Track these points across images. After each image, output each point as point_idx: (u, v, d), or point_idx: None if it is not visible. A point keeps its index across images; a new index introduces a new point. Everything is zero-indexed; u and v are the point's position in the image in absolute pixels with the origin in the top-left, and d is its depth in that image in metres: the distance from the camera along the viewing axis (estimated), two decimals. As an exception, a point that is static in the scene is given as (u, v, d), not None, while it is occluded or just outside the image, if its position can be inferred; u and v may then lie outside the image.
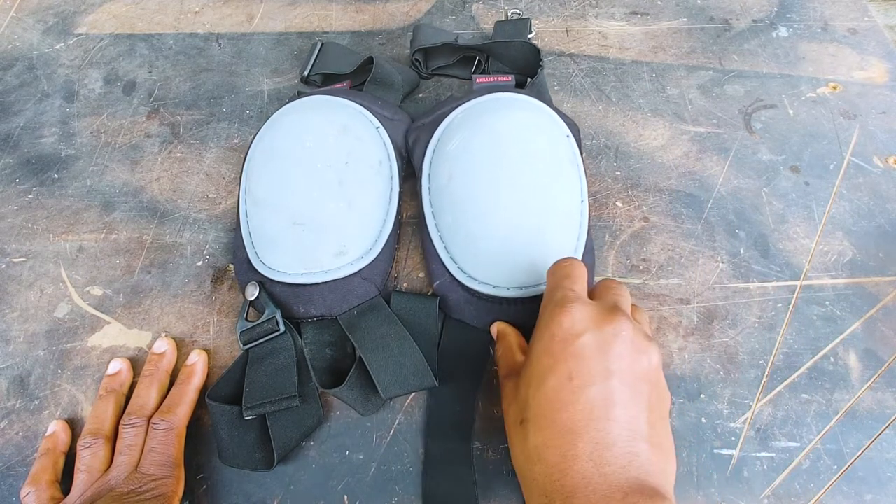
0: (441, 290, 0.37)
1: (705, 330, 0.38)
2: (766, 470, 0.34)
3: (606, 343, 0.25)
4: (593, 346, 0.24)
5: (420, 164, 0.41)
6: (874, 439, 0.35)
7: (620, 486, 0.22)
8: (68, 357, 0.38)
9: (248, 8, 0.55)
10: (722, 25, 0.52)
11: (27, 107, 0.49)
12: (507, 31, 0.50)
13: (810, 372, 0.37)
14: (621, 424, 0.24)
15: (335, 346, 0.37)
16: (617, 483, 0.23)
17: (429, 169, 0.40)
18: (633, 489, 0.22)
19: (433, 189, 0.39)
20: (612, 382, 0.24)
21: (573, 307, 0.26)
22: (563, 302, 0.26)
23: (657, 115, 0.47)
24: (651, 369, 0.26)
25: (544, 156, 0.39)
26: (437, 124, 0.41)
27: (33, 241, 0.43)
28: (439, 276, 0.38)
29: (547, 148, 0.39)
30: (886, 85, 0.48)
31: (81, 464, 0.33)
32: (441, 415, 0.35)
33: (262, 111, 0.48)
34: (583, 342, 0.24)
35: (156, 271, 0.41)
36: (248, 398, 0.34)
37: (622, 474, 0.23)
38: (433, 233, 0.38)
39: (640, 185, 0.44)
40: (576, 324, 0.25)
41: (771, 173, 0.44)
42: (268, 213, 0.39)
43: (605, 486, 0.22)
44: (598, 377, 0.24)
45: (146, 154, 0.46)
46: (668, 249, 0.41)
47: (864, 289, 0.39)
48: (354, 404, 0.34)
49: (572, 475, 0.23)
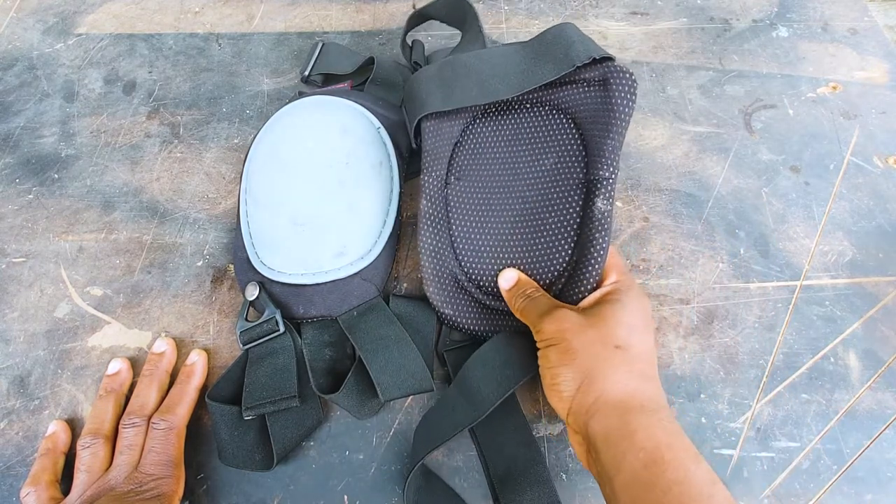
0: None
1: (705, 330, 0.38)
2: (766, 470, 0.34)
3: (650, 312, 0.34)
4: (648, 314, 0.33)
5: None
6: (874, 439, 0.35)
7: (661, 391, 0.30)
8: (68, 357, 0.38)
9: (248, 8, 0.55)
10: (722, 25, 0.52)
11: (27, 107, 0.49)
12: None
13: (810, 372, 0.37)
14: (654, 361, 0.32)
15: (335, 346, 0.37)
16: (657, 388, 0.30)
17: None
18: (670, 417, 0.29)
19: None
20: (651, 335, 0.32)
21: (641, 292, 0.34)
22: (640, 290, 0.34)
23: (657, 115, 0.47)
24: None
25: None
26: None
27: (33, 241, 0.43)
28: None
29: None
30: (886, 85, 0.48)
31: (81, 464, 0.33)
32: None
33: (262, 111, 0.48)
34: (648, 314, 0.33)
35: (156, 271, 0.41)
36: (248, 398, 0.34)
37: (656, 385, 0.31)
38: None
39: (640, 185, 0.44)
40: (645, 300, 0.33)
41: (771, 173, 0.44)
42: (268, 213, 0.39)
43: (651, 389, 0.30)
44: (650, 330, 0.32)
45: (146, 154, 0.46)
46: (668, 249, 0.41)
47: (864, 289, 0.39)
48: (351, 409, 0.34)
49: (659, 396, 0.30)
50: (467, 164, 0.39)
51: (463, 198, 0.39)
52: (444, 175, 0.39)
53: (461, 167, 0.39)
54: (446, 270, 0.37)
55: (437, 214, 0.38)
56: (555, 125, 0.39)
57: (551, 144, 0.38)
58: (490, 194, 0.39)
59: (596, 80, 0.36)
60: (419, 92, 0.38)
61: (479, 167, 0.39)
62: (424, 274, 0.36)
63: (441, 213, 0.38)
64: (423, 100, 0.38)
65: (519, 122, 0.40)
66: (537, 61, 0.36)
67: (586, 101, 0.37)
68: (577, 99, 0.37)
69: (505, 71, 0.36)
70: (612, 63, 0.35)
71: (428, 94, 0.37)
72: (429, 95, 0.37)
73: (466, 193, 0.39)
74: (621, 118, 0.35)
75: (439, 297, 0.36)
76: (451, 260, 0.37)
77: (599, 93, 0.36)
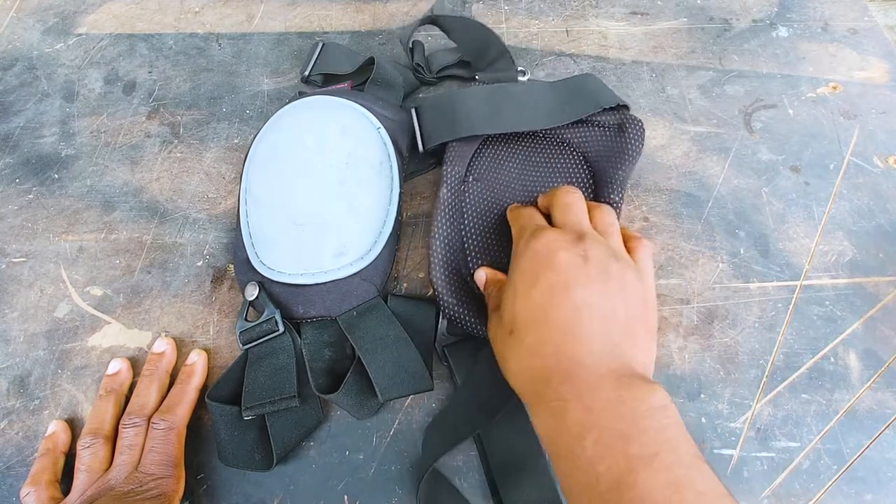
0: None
1: (705, 330, 0.38)
2: (766, 470, 0.34)
3: (578, 258, 0.29)
4: (569, 261, 0.29)
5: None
6: (874, 439, 0.35)
7: (612, 368, 0.26)
8: (68, 357, 0.38)
9: (248, 8, 0.55)
10: (722, 25, 0.52)
11: (27, 107, 0.49)
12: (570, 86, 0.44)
13: (810, 372, 0.37)
14: (603, 322, 0.28)
15: (334, 346, 0.37)
16: (608, 367, 0.26)
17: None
18: (624, 373, 0.26)
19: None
20: (590, 290, 0.28)
21: (546, 231, 0.31)
22: (536, 231, 0.32)
23: (657, 115, 0.47)
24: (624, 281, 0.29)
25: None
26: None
27: (33, 241, 0.43)
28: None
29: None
30: (886, 85, 0.48)
31: (81, 464, 0.33)
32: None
33: (262, 111, 0.48)
34: (559, 257, 0.29)
35: (156, 271, 0.41)
36: (248, 398, 0.34)
37: (609, 361, 0.27)
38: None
39: (640, 185, 0.44)
40: (550, 243, 0.30)
41: (771, 173, 0.44)
42: (268, 213, 0.39)
43: (598, 369, 0.26)
44: (577, 284, 0.28)
45: (146, 154, 0.46)
46: (668, 249, 0.41)
47: (864, 289, 0.39)
48: (350, 409, 0.34)
49: (567, 360, 0.27)
50: (486, 169, 0.42)
51: (478, 197, 0.41)
52: (463, 173, 0.41)
53: (480, 170, 0.42)
54: (454, 260, 0.37)
55: (454, 205, 0.39)
56: (565, 155, 0.43)
57: (561, 170, 0.42)
58: (503, 200, 0.41)
59: (611, 124, 0.42)
60: (467, 111, 0.41)
61: (496, 173, 0.42)
62: (433, 259, 0.37)
63: (457, 206, 0.40)
64: (472, 121, 0.40)
65: (532, 147, 0.43)
66: (566, 101, 0.41)
67: (599, 140, 0.42)
68: (590, 137, 0.42)
69: (538, 105, 0.41)
70: (627, 112, 0.42)
71: (479, 116, 0.41)
72: (480, 117, 0.41)
73: (482, 193, 0.41)
74: (632, 157, 0.40)
75: (444, 285, 0.36)
76: (460, 251, 0.38)
77: (614, 135, 0.41)
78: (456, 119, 0.40)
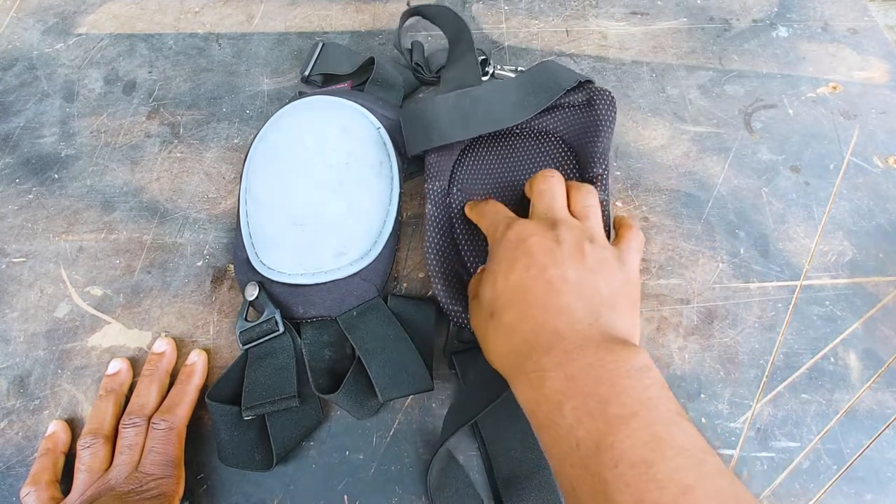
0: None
1: (705, 330, 0.38)
2: (766, 470, 0.34)
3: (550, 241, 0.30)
4: (542, 244, 0.30)
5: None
6: (874, 439, 0.35)
7: (592, 335, 0.27)
8: (68, 357, 0.38)
9: (248, 8, 0.55)
10: (722, 25, 0.52)
11: (27, 107, 0.49)
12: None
13: (810, 372, 0.37)
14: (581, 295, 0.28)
15: (334, 346, 0.37)
16: (588, 335, 0.27)
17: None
18: (605, 339, 0.26)
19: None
20: (564, 268, 0.29)
21: (518, 222, 0.32)
22: (510, 223, 0.33)
23: (657, 115, 0.47)
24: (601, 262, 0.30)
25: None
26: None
27: (33, 241, 0.43)
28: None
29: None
30: (886, 85, 0.48)
31: (81, 464, 0.33)
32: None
33: (262, 111, 0.48)
34: (532, 242, 0.30)
35: (156, 271, 0.41)
36: (248, 398, 0.34)
37: (590, 329, 0.27)
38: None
39: (640, 185, 0.44)
40: (523, 231, 0.31)
41: (771, 173, 0.44)
42: (268, 213, 0.39)
43: (579, 338, 0.27)
44: (551, 264, 0.29)
45: (146, 154, 0.46)
46: (668, 249, 0.41)
47: (864, 289, 0.39)
48: (350, 409, 0.34)
49: (547, 333, 0.27)
50: (468, 178, 0.41)
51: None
52: (446, 186, 0.40)
53: (463, 181, 0.41)
54: (452, 269, 0.37)
55: (442, 219, 0.39)
56: (544, 144, 0.42)
57: (544, 159, 0.42)
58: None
59: (580, 103, 0.41)
60: (438, 120, 0.40)
61: (481, 180, 0.41)
62: (431, 272, 0.37)
63: (445, 218, 0.39)
64: (442, 129, 0.40)
65: (512, 144, 0.43)
66: (530, 92, 0.40)
67: (572, 120, 0.42)
68: (563, 120, 0.42)
69: (504, 102, 0.40)
70: (592, 85, 0.41)
71: (449, 124, 0.40)
72: (450, 125, 0.40)
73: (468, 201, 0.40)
74: (607, 128, 0.40)
75: (447, 295, 0.36)
76: (457, 259, 0.38)
77: (584, 112, 0.41)
78: (428, 128, 0.40)
